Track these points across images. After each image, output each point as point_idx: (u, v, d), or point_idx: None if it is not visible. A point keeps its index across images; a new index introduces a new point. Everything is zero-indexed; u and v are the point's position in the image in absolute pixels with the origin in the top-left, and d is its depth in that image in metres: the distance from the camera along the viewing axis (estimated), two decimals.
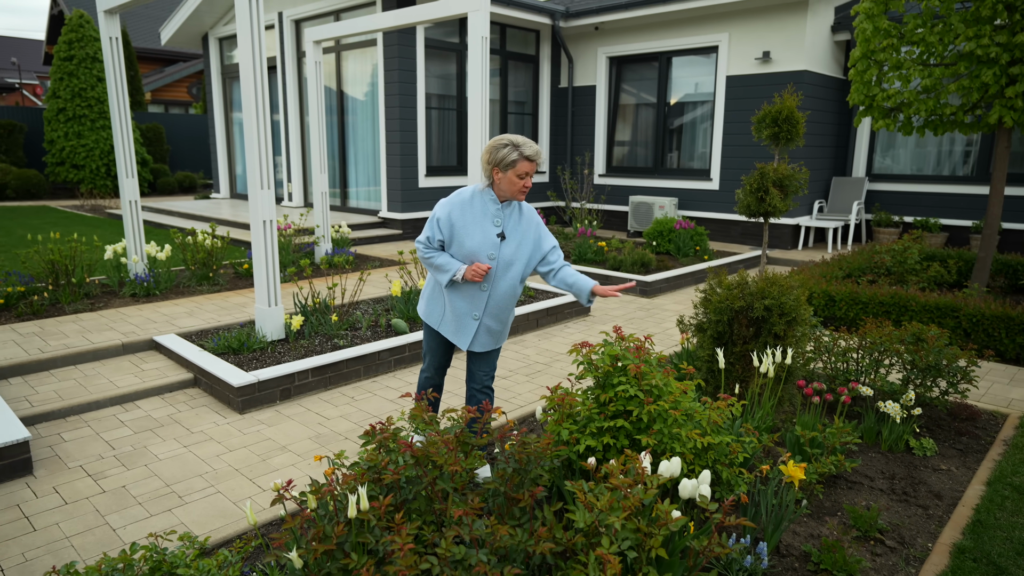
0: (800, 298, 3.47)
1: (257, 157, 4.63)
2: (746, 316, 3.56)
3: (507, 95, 11.61)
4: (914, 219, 9.82)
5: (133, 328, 5.20)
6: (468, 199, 3.04)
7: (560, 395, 2.67)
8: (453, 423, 2.40)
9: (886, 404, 3.54)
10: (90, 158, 17.26)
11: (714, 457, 2.60)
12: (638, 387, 2.57)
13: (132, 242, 6.59)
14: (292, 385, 4.29)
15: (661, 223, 9.12)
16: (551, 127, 12.31)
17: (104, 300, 6.09)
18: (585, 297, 2.95)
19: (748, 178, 3.50)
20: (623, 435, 2.61)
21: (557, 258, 3.08)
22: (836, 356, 4.10)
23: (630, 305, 6.93)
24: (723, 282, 3.69)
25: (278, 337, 4.95)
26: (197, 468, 3.36)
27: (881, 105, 6.51)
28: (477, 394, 3.25)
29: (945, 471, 3.39)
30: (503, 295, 3.07)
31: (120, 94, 6.23)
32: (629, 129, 11.58)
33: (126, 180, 6.44)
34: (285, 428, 3.85)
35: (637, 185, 11.36)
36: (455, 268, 3.01)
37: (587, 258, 8.37)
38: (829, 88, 9.95)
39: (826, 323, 6.13)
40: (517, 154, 2.89)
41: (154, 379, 4.39)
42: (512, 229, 3.06)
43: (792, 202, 3.53)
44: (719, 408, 2.66)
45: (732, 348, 3.62)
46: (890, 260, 6.84)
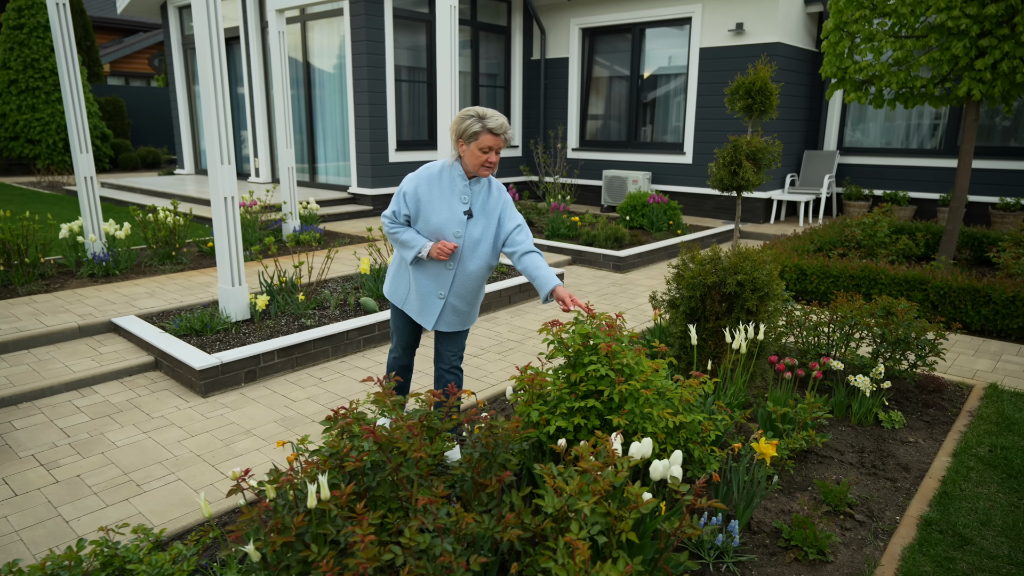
0: (772, 273, 3.44)
1: (216, 131, 4.44)
2: (719, 292, 3.52)
3: (479, 67, 11.39)
4: (884, 192, 9.91)
5: (90, 310, 5.01)
6: (436, 174, 2.93)
7: (530, 375, 2.61)
8: (420, 406, 2.32)
9: (856, 378, 3.55)
10: (46, 132, 16.63)
11: (686, 436, 2.56)
12: (609, 366, 2.51)
13: (89, 220, 6.34)
14: (257, 367, 4.17)
15: (634, 197, 9.06)
16: (523, 100, 12.12)
17: (60, 281, 5.87)
18: (544, 295, 2.83)
19: (721, 151, 3.44)
20: (594, 415, 2.56)
21: (524, 239, 2.97)
22: (808, 330, 4.10)
23: (603, 280, 6.89)
24: (696, 257, 3.64)
25: (243, 317, 4.81)
26: (157, 455, 3.25)
27: (853, 77, 6.49)
28: (445, 375, 3.18)
29: (913, 443, 3.42)
30: (470, 275, 2.98)
31: (70, 64, 5.94)
32: (603, 102, 11.45)
33: (80, 155, 6.17)
34: (250, 411, 3.74)
35: (611, 159, 11.27)
36: (420, 245, 2.91)
37: (560, 233, 8.30)
38: (802, 61, 9.92)
39: (798, 297, 6.16)
40: (480, 126, 2.78)
41: (112, 363, 4.24)
42: (481, 207, 2.96)
43: (765, 175, 3.48)
44: (691, 386, 2.62)
45: (705, 324, 3.59)
46: (860, 233, 6.88)
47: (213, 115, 4.41)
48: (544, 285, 2.84)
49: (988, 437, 3.43)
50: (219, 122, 4.43)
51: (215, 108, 4.41)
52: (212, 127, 4.43)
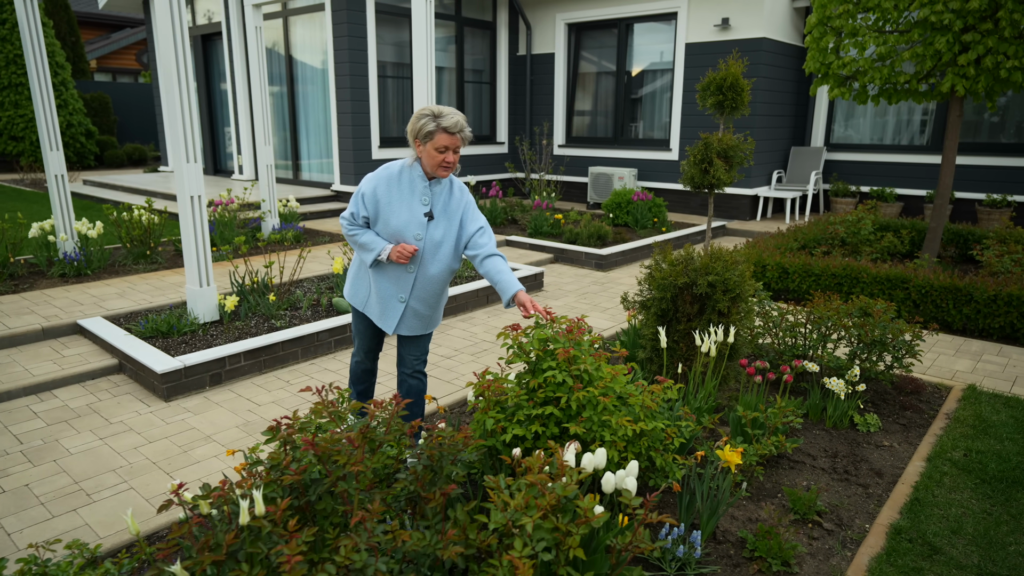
0: (744, 274, 3.37)
1: (180, 127, 4.34)
2: (690, 293, 3.45)
3: (463, 63, 11.27)
4: (871, 189, 9.85)
5: (57, 311, 4.90)
6: (396, 174, 2.84)
7: (487, 381, 2.52)
8: (380, 415, 2.23)
9: (831, 381, 3.48)
10: (29, 129, 16.43)
11: (648, 444, 2.48)
12: (568, 372, 2.43)
13: (60, 219, 6.22)
14: (223, 370, 4.07)
15: (619, 194, 8.98)
16: (509, 96, 12.02)
17: (30, 281, 5.76)
18: (506, 300, 2.76)
19: (692, 148, 3.36)
20: (552, 423, 2.48)
21: (486, 242, 2.88)
22: (784, 331, 4.03)
23: (585, 279, 6.81)
24: (667, 258, 3.56)
25: (211, 319, 4.71)
26: (111, 462, 3.15)
27: (837, 73, 6.41)
28: (408, 379, 3.09)
29: (888, 447, 3.35)
30: (432, 278, 2.90)
31: (38, 56, 5.81)
32: (589, 98, 11.36)
33: (50, 153, 6.04)
34: (212, 416, 3.65)
35: (597, 156, 11.19)
36: (380, 248, 2.82)
37: (543, 231, 8.21)
38: (789, 56, 9.85)
39: (780, 295, 6.09)
40: (435, 125, 2.69)
41: (75, 366, 4.14)
42: (442, 208, 2.87)
43: (737, 174, 3.40)
44: (654, 392, 2.54)
45: (676, 326, 3.52)
46: (844, 231, 6.82)
47: (177, 111, 4.31)
48: (506, 290, 2.76)
49: (964, 440, 3.37)
50: (183, 119, 4.32)
51: (179, 104, 4.30)
52: (176, 124, 4.32)
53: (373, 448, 1.95)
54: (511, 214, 9.46)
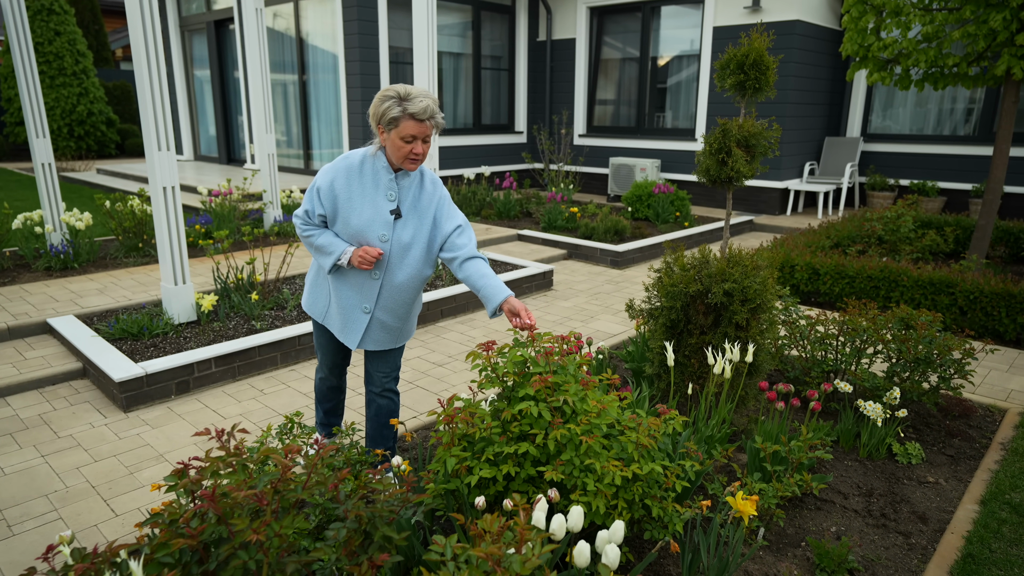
0: (767, 280, 2.91)
1: (152, 113, 4.00)
2: (703, 302, 3.00)
3: (480, 49, 10.84)
4: (911, 182, 9.21)
5: (29, 308, 4.63)
6: (357, 165, 2.45)
7: (453, 410, 2.12)
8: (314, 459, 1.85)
9: (867, 405, 3.02)
10: (51, 118, 16.44)
11: (643, 490, 2.06)
12: (546, 404, 2.02)
13: (48, 209, 5.97)
14: (191, 377, 3.74)
15: (640, 187, 8.50)
16: (528, 84, 11.55)
17: (12, 275, 5.51)
18: (492, 310, 2.37)
19: (708, 136, 2.91)
20: (529, 462, 2.07)
21: (465, 243, 2.48)
22: (813, 343, 3.56)
23: (599, 277, 6.37)
24: (679, 261, 3.12)
25: (188, 319, 4.38)
26: (46, 485, 2.83)
27: (876, 56, 5.85)
28: (376, 399, 2.71)
29: (932, 484, 2.88)
30: (400, 286, 2.50)
31: (22, 39, 5.53)
32: (611, 86, 10.85)
33: (36, 140, 5.78)
34: (171, 430, 3.31)
35: (619, 146, 10.68)
36: (339, 251, 2.44)
37: (557, 225, 7.77)
38: (824, 40, 9.22)
39: (809, 299, 5.59)
40: (400, 110, 2.28)
41: (35, 370, 3.84)
42: (411, 205, 2.47)
43: (760, 166, 2.94)
44: (653, 427, 2.11)
45: (688, 339, 3.08)
46: (881, 228, 6.27)
47: (148, 96, 3.97)
48: (491, 297, 2.36)
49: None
50: (155, 104, 3.98)
51: (150, 89, 3.96)
52: (148, 109, 3.98)
53: (288, 505, 1.57)
54: (526, 207, 9.03)
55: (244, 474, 1.55)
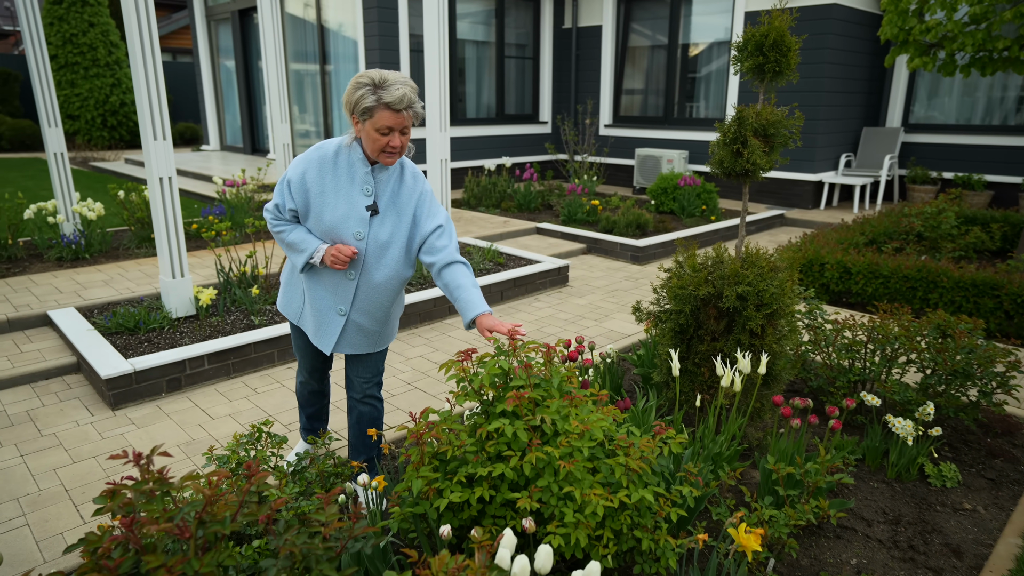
0: (785, 284, 2.65)
1: (147, 101, 3.88)
2: (715, 306, 2.76)
3: (504, 37, 10.59)
4: (955, 175, 8.72)
5: (32, 299, 4.58)
6: (331, 156, 2.26)
7: (423, 425, 1.93)
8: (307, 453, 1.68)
9: (896, 421, 2.74)
10: (84, 108, 16.69)
11: (632, 519, 1.85)
12: (523, 423, 1.81)
13: (61, 199, 5.94)
14: (183, 374, 3.62)
15: (666, 179, 8.20)
16: (553, 73, 11.27)
17: (23, 265, 5.49)
18: (466, 324, 2.18)
19: (722, 126, 2.65)
20: (506, 486, 1.87)
21: (445, 244, 2.28)
22: (838, 351, 3.28)
23: (617, 274, 6.12)
24: (690, 260, 2.87)
25: (186, 313, 4.28)
26: (20, 488, 2.73)
27: (918, 40, 5.47)
28: (357, 406, 2.54)
29: (969, 512, 2.60)
30: (377, 288, 2.32)
31: (33, 28, 5.48)
32: (638, 74, 10.51)
33: (48, 130, 5.75)
34: (156, 431, 3.19)
35: (645, 137, 10.35)
36: (312, 248, 2.26)
37: (577, 218, 7.52)
38: (862, 25, 8.76)
39: (840, 299, 5.26)
40: (374, 99, 2.09)
41: (29, 363, 3.77)
42: (389, 200, 2.28)
43: (780, 157, 2.68)
44: (645, 449, 1.89)
45: (698, 345, 2.83)
46: (921, 224, 5.89)
47: (143, 85, 3.84)
48: (466, 310, 2.17)
49: None
50: (149, 92, 3.86)
51: (144, 77, 3.83)
52: (143, 99, 3.86)
53: (213, 540, 1.39)
54: (547, 199, 8.80)
55: (162, 503, 1.37)
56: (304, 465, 2.34)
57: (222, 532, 1.35)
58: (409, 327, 4.62)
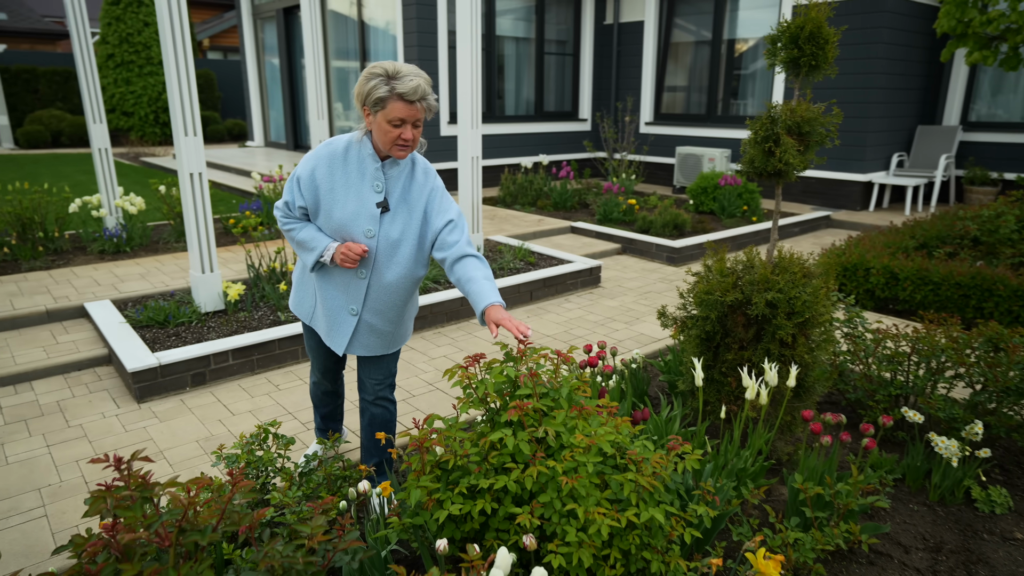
0: (819, 292, 2.50)
1: (178, 98, 3.92)
2: (743, 313, 2.62)
3: (544, 33, 10.48)
4: (1018, 176, 8.25)
5: (72, 291, 4.69)
6: (341, 152, 2.22)
7: (425, 434, 1.86)
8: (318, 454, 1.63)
9: (939, 440, 2.56)
10: (139, 105, 17.21)
11: (642, 539, 1.75)
12: (526, 435, 1.73)
13: (104, 193, 6.10)
14: (207, 369, 3.65)
15: (706, 178, 7.98)
16: (594, 69, 11.11)
17: (67, 257, 5.65)
18: (479, 315, 2.11)
19: (753, 123, 2.51)
20: (510, 499, 1.79)
21: (457, 239, 2.22)
22: (879, 363, 3.09)
23: (651, 275, 5.97)
24: (719, 265, 2.74)
25: (215, 308, 4.32)
26: (43, 478, 2.77)
27: (978, 32, 5.16)
28: (370, 407, 2.49)
29: (1021, 543, 2.41)
30: (389, 287, 2.26)
31: (80, 23, 5.62)
32: (681, 71, 10.27)
33: (94, 126, 5.89)
34: (177, 425, 3.22)
35: (686, 135, 10.12)
36: (322, 247, 2.22)
37: (613, 218, 7.38)
38: (918, 18, 8.36)
39: (885, 306, 5.01)
40: (387, 89, 2.03)
41: (64, 354, 3.85)
42: (400, 197, 2.22)
43: (815, 156, 2.52)
44: (657, 465, 1.79)
45: (725, 354, 2.70)
46: (977, 228, 5.57)
47: (175, 82, 3.88)
48: (477, 302, 2.10)
49: None
50: (180, 90, 3.90)
51: (175, 75, 3.87)
52: (175, 95, 3.90)
53: (194, 549, 1.35)
54: (583, 197, 8.67)
55: (141, 510, 1.34)
56: (312, 467, 2.31)
57: (201, 543, 1.30)
58: (435, 326, 4.57)
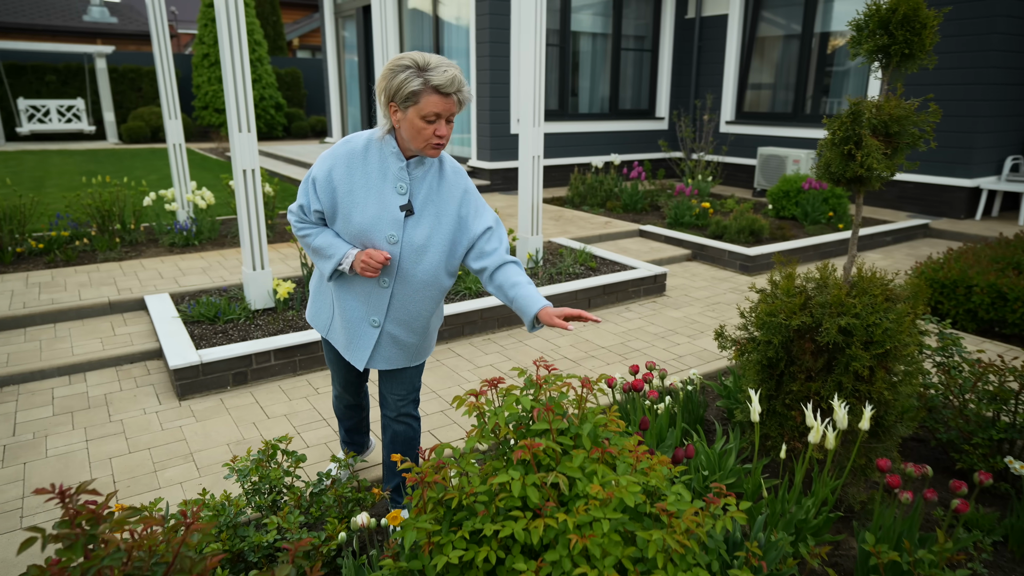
0: (904, 318, 2.14)
1: (233, 95, 3.91)
2: (812, 339, 2.29)
3: (621, 28, 10.12)
4: None
5: (135, 283, 4.80)
6: (361, 151, 2.05)
7: (427, 467, 1.67)
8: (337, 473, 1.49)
9: None
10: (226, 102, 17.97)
11: None
12: (535, 480, 1.51)
13: (177, 188, 6.27)
14: (249, 368, 3.61)
15: (788, 181, 7.45)
16: (673, 66, 10.65)
17: (140, 249, 5.83)
18: (529, 322, 1.94)
19: (831, 122, 2.18)
20: (518, 548, 1.57)
21: (495, 248, 2.04)
22: (979, 399, 2.68)
23: (721, 285, 5.58)
24: (786, 283, 2.42)
25: (265, 306, 4.30)
26: (75, 475, 2.77)
27: None
28: (392, 424, 2.33)
29: None
30: (415, 295, 2.09)
31: (160, 24, 5.79)
32: (766, 67, 9.69)
33: (169, 122, 6.06)
34: (212, 426, 3.17)
35: (770, 134, 9.53)
36: (340, 254, 2.06)
37: (684, 222, 6.99)
38: None
39: (991, 329, 4.46)
40: (420, 82, 1.85)
41: (118, 347, 3.92)
42: (426, 200, 2.04)
43: (905, 161, 2.16)
44: (690, 524, 1.52)
45: (789, 384, 2.38)
46: None
47: (230, 77, 3.87)
48: (526, 309, 1.93)
49: None
50: (236, 87, 3.88)
51: (231, 71, 3.86)
52: (230, 91, 3.90)
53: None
54: (655, 199, 8.30)
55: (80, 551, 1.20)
56: (324, 487, 2.17)
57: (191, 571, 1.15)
58: (485, 332, 4.40)
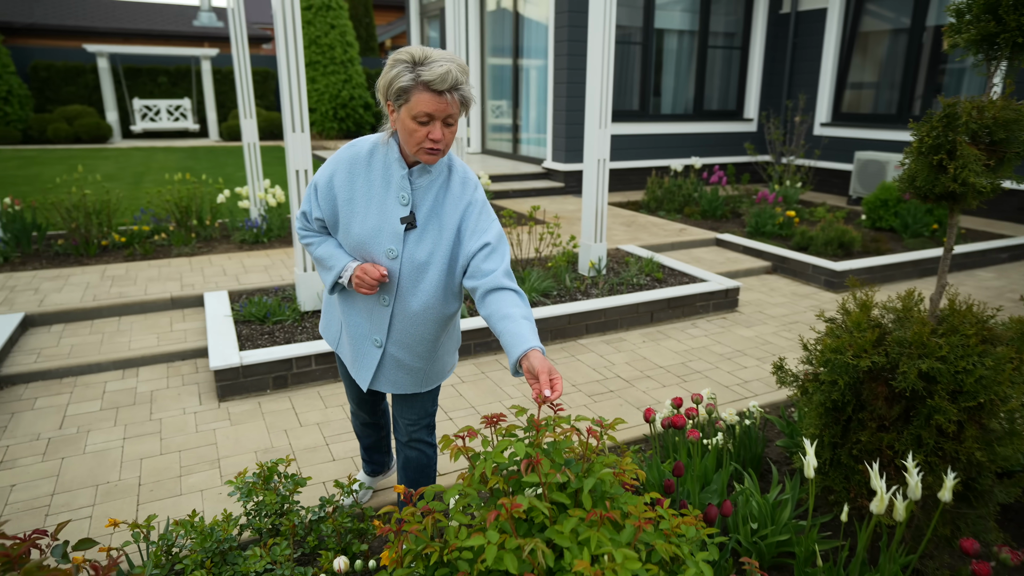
0: (1004, 364, 1.77)
1: (288, 95, 3.88)
2: (886, 383, 1.95)
3: (709, 25, 9.63)
4: None
5: (199, 280, 4.90)
6: (364, 156, 1.89)
7: (416, 510, 1.49)
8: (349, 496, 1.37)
9: None
10: (320, 101, 18.55)
11: None
12: (515, 544, 1.29)
13: (251, 185, 6.42)
14: (289, 372, 3.56)
15: (887, 189, 6.81)
16: (764, 64, 10.04)
17: (211, 245, 5.99)
18: (512, 365, 1.68)
19: (920, 126, 1.83)
20: None
21: (493, 268, 1.80)
22: None
23: (803, 301, 5.12)
24: (856, 316, 2.07)
25: (314, 308, 4.26)
26: (106, 474, 2.77)
27: None
28: (404, 449, 2.17)
29: None
30: (415, 317, 1.91)
31: (239, 29, 5.92)
32: (868, 64, 8.94)
33: (245, 121, 6.21)
34: (244, 431, 3.13)
35: (869, 138, 8.79)
36: (341, 266, 1.92)
37: (766, 231, 6.51)
38: None
39: None
40: (411, 77, 1.67)
41: (172, 343, 3.98)
42: (430, 212, 1.85)
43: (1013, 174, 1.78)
44: None
45: (858, 432, 2.04)
46: None
47: (285, 78, 3.85)
48: (512, 346, 1.68)
49: None
50: (291, 87, 3.85)
51: (287, 71, 3.83)
52: (285, 91, 3.87)
53: None
54: (737, 206, 7.81)
55: None
56: (323, 515, 2.03)
57: None
58: None
